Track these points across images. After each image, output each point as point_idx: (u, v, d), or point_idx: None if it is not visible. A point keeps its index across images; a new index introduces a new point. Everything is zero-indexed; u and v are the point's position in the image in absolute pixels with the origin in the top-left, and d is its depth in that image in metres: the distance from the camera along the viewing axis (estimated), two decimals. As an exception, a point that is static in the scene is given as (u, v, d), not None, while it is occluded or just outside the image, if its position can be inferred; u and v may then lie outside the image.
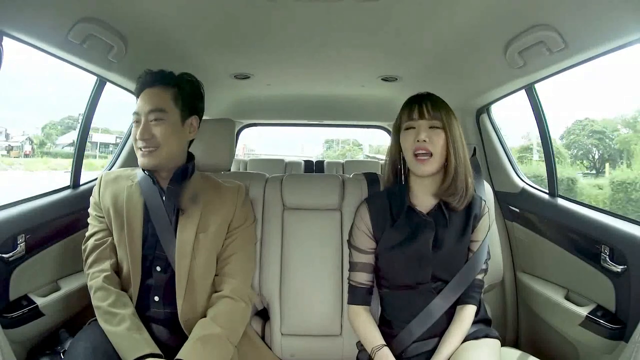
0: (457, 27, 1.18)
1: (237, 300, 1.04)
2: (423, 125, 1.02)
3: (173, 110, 1.08)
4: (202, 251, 1.06)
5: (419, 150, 1.01)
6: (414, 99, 1.06)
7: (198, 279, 1.05)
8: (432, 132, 1.01)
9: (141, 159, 1.06)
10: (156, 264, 1.06)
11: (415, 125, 1.03)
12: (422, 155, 1.01)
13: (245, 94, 2.22)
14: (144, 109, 1.06)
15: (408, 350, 1.03)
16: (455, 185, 1.02)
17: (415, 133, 1.02)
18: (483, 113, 1.78)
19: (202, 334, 0.95)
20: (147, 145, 1.05)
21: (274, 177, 1.37)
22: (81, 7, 1.04)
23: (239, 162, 3.50)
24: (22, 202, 1.24)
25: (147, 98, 1.07)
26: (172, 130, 1.07)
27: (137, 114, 1.07)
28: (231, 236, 1.11)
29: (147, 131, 1.05)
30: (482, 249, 1.06)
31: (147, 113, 1.06)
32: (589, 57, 1.08)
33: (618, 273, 1.11)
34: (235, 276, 1.08)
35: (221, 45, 1.41)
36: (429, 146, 1.00)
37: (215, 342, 0.95)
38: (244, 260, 1.11)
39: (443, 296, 1.03)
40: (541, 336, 1.45)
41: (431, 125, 1.02)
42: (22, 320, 1.11)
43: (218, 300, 1.04)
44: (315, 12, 1.14)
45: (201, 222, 1.07)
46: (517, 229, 1.59)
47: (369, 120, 2.98)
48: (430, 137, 1.00)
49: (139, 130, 1.05)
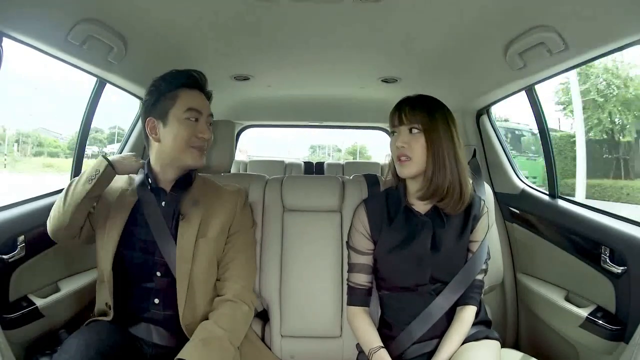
0: (457, 28, 1.18)
1: (240, 304, 1.04)
2: (403, 130, 1.04)
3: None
4: (202, 256, 1.05)
5: (400, 156, 1.03)
6: (397, 105, 1.07)
7: (199, 283, 1.04)
8: (411, 137, 1.02)
9: (198, 158, 1.07)
10: (156, 270, 1.05)
11: (397, 130, 1.05)
12: (403, 159, 1.03)
13: (245, 96, 2.22)
14: (206, 108, 1.08)
15: (408, 352, 1.03)
16: (433, 188, 1.01)
17: (396, 138, 1.04)
18: (483, 114, 1.79)
19: (204, 336, 0.95)
20: (205, 146, 1.08)
21: (274, 179, 1.37)
22: (81, 8, 1.04)
23: (239, 164, 3.50)
24: (22, 203, 1.24)
25: (203, 99, 1.09)
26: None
27: (198, 112, 1.06)
28: (231, 240, 1.11)
29: (209, 130, 1.08)
30: (482, 249, 1.06)
31: (208, 114, 1.08)
32: (589, 58, 1.08)
33: (618, 274, 1.11)
34: (237, 280, 1.07)
35: (221, 46, 1.41)
36: (407, 151, 1.02)
37: (217, 344, 0.95)
38: (244, 264, 1.11)
39: (443, 297, 1.02)
40: (541, 337, 1.44)
41: (410, 128, 1.02)
42: (22, 321, 1.11)
43: (220, 304, 1.03)
44: (316, 14, 1.14)
45: (201, 227, 1.06)
46: (517, 230, 1.59)
47: (368, 122, 2.97)
48: (408, 142, 1.02)
49: (205, 129, 1.06)
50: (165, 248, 1.04)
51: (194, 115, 1.05)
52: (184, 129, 1.04)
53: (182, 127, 1.04)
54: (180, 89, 1.06)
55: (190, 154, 1.05)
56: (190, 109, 1.05)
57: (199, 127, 1.05)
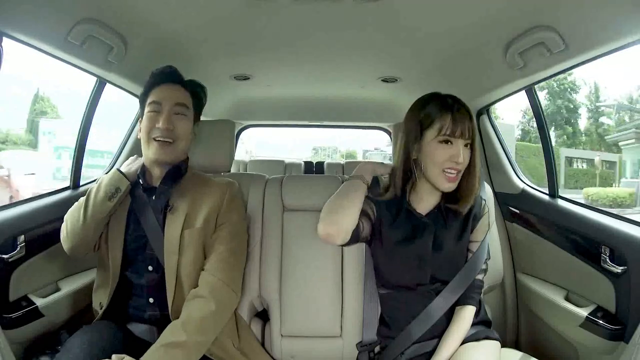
0: (457, 28, 1.18)
1: (209, 301, 0.99)
2: (460, 143, 0.97)
3: (191, 111, 1.11)
4: (189, 247, 1.04)
5: (452, 170, 0.97)
6: (447, 107, 0.97)
7: (186, 276, 1.04)
8: (465, 150, 0.97)
9: (158, 150, 1.05)
10: (148, 264, 1.06)
11: (453, 141, 0.97)
12: (452, 173, 0.97)
13: (245, 95, 2.22)
14: (168, 99, 1.06)
15: (408, 352, 1.03)
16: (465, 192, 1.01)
17: (453, 150, 0.96)
18: (483, 114, 1.78)
19: (168, 341, 0.92)
20: (167, 136, 1.04)
21: (274, 179, 1.37)
22: (81, 8, 1.04)
23: (239, 163, 3.50)
24: (22, 202, 1.24)
25: (170, 91, 1.08)
26: (189, 129, 1.10)
27: (158, 103, 1.06)
28: (217, 232, 1.08)
29: (171, 122, 1.05)
30: (482, 249, 1.06)
31: (172, 105, 1.06)
32: (589, 57, 1.08)
33: (618, 274, 1.11)
34: (215, 273, 1.03)
35: (221, 46, 1.41)
36: (463, 166, 0.98)
37: (179, 352, 0.91)
38: (227, 256, 1.06)
39: (443, 297, 1.02)
40: (541, 337, 1.44)
41: (467, 143, 0.98)
42: (22, 320, 1.11)
43: (192, 300, 1.00)
44: (316, 13, 1.14)
45: (188, 218, 1.06)
46: (517, 230, 1.59)
47: (369, 122, 2.97)
48: (464, 157, 0.97)
49: (162, 119, 1.04)
50: (154, 241, 1.05)
51: (154, 107, 1.06)
52: (146, 122, 1.07)
53: (145, 120, 1.08)
54: (152, 88, 1.09)
55: (152, 147, 1.06)
56: (151, 102, 1.07)
57: (158, 117, 1.05)
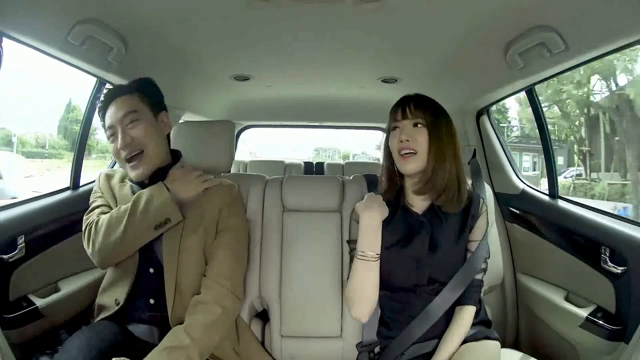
0: (457, 29, 1.18)
1: (213, 307, 0.99)
2: (407, 124, 1.03)
3: (144, 109, 1.09)
4: (189, 251, 1.05)
5: (403, 150, 1.02)
6: (399, 102, 1.07)
7: (186, 280, 1.04)
8: (415, 131, 1.02)
9: (133, 172, 1.06)
10: (149, 265, 1.06)
11: (399, 125, 1.04)
12: (406, 154, 1.01)
13: (245, 96, 2.22)
14: (117, 116, 1.06)
15: (407, 352, 1.02)
16: (432, 183, 1.01)
17: (399, 133, 1.03)
18: (483, 114, 1.78)
19: (170, 344, 0.92)
20: (132, 151, 1.05)
21: (273, 179, 1.37)
22: (81, 8, 1.04)
23: (239, 164, 3.49)
24: (22, 203, 1.24)
25: (115, 108, 1.07)
26: (150, 128, 1.08)
27: (112, 127, 1.06)
28: (218, 236, 1.09)
29: (127, 135, 1.05)
30: (481, 249, 1.05)
31: (121, 119, 1.05)
32: (590, 58, 1.08)
33: (618, 274, 1.11)
34: (218, 279, 1.04)
35: (221, 46, 1.41)
36: (412, 144, 1.01)
37: (182, 355, 0.90)
38: (229, 261, 1.07)
39: (442, 297, 1.02)
40: (541, 337, 1.44)
41: (415, 123, 1.02)
42: (22, 321, 1.11)
43: (195, 307, 1.00)
44: (315, 14, 1.14)
45: (188, 222, 1.06)
46: (517, 230, 1.59)
47: (368, 122, 2.97)
48: (413, 136, 1.01)
49: (119, 140, 1.04)
50: (156, 243, 1.05)
51: (111, 132, 1.07)
52: (114, 149, 1.07)
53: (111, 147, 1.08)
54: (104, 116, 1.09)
55: (127, 168, 1.08)
56: (107, 129, 1.08)
57: (119, 139, 1.05)
